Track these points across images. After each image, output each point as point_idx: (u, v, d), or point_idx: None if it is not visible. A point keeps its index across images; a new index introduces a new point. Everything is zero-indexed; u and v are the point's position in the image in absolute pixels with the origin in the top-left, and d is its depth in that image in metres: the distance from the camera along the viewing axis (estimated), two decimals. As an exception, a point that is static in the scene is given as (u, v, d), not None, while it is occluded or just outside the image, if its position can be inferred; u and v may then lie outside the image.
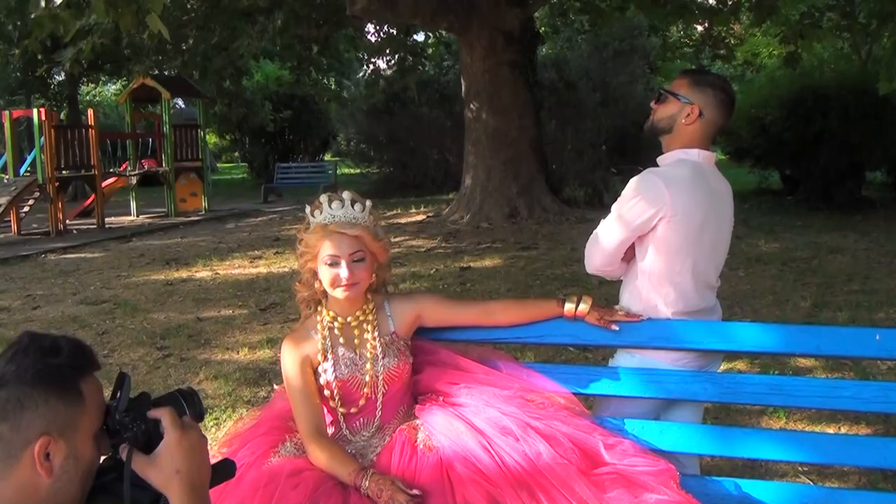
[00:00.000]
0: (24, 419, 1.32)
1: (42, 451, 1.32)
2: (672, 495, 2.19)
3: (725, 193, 2.79)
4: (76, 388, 1.38)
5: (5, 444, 1.32)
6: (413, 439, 2.42)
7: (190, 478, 1.43)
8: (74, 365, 1.40)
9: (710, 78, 2.79)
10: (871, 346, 2.44)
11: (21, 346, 1.37)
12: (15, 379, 1.33)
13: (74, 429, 1.37)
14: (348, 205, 2.50)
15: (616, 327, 2.62)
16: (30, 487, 1.33)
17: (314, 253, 2.51)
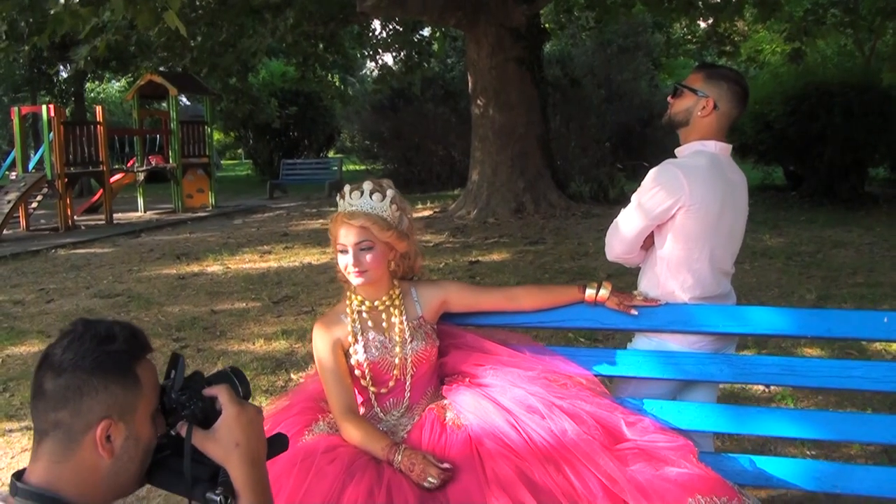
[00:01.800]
0: (84, 405, 1.39)
1: (103, 434, 1.40)
2: (691, 468, 2.30)
3: (740, 183, 2.90)
4: (132, 372, 1.45)
5: (66, 430, 1.39)
6: (442, 417, 2.54)
7: (249, 450, 1.51)
8: (130, 350, 1.47)
9: (724, 71, 2.89)
10: (880, 329, 2.55)
11: (77, 334, 1.43)
12: (73, 367, 1.40)
13: (133, 411, 1.45)
14: (367, 195, 2.58)
15: (635, 312, 2.73)
16: (91, 469, 1.41)
17: (333, 240, 2.62)
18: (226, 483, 1.48)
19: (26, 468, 1.44)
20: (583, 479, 2.28)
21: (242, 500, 1.47)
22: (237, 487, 1.47)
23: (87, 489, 1.40)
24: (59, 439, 1.39)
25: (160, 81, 16.66)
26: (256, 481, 1.49)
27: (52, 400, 1.39)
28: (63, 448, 1.39)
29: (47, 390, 1.39)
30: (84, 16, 6.12)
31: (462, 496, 2.26)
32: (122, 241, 13.48)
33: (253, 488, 1.48)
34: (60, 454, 1.39)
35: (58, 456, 1.39)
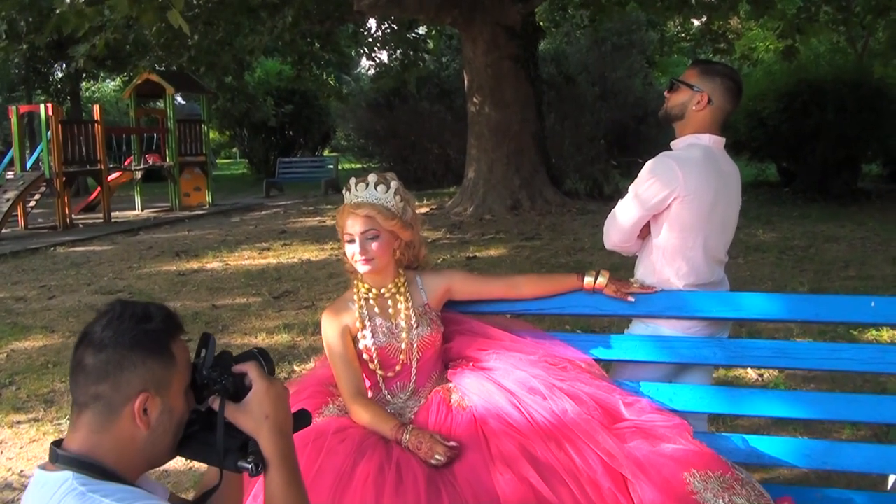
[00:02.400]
0: (123, 379, 1.50)
1: (141, 406, 1.50)
2: (687, 445, 2.41)
3: (734, 175, 3.01)
4: (168, 349, 1.56)
5: (106, 402, 1.50)
6: (447, 399, 2.65)
7: (277, 422, 1.61)
8: (166, 329, 1.58)
9: (718, 67, 3.01)
10: (867, 313, 2.66)
11: (116, 314, 1.54)
12: (113, 343, 1.50)
13: (168, 385, 1.55)
14: (371, 186, 2.69)
15: (632, 299, 2.84)
16: (128, 439, 1.52)
17: (341, 230, 2.73)
18: (256, 452, 1.57)
19: (64, 438, 1.53)
20: (583, 456, 2.38)
21: (272, 467, 1.57)
22: (267, 456, 1.57)
23: (125, 458, 1.50)
24: (98, 411, 1.49)
25: (157, 80, 16.73)
26: (285, 451, 1.59)
27: (92, 374, 1.48)
28: (103, 419, 1.49)
29: (88, 365, 1.49)
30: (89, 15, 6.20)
31: (468, 472, 2.37)
32: (120, 238, 13.55)
33: (282, 457, 1.58)
34: (100, 425, 1.49)
35: (97, 426, 1.49)
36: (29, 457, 4.60)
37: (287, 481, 1.56)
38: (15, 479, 4.35)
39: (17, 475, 4.39)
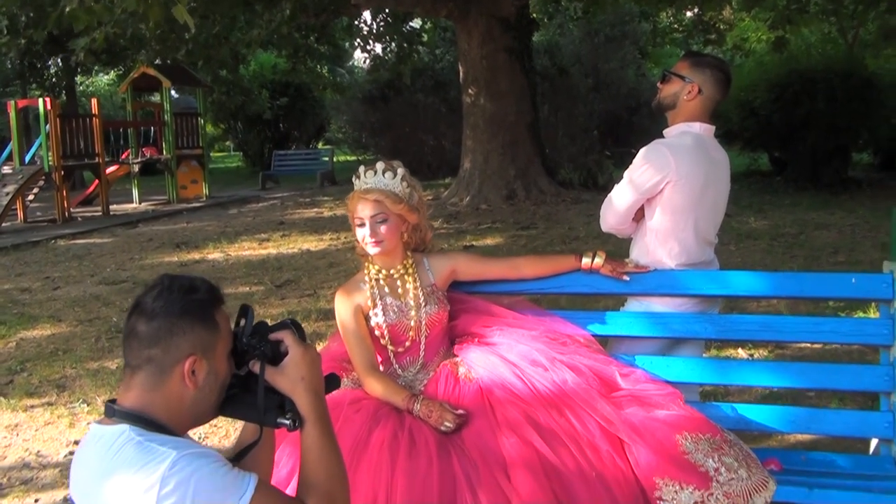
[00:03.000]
0: (173, 343, 1.66)
1: (190, 368, 1.67)
2: (679, 410, 2.59)
3: (723, 161, 3.18)
4: (213, 317, 1.73)
5: (158, 364, 1.66)
6: (455, 372, 2.83)
7: (312, 383, 1.77)
8: (210, 299, 1.74)
9: (708, 59, 3.18)
10: (848, 288, 2.85)
11: (165, 286, 1.71)
12: (164, 312, 1.67)
13: (213, 350, 1.72)
14: (380, 173, 2.86)
15: (627, 278, 3.03)
16: (177, 397, 1.68)
17: (351, 215, 2.90)
18: (293, 410, 1.75)
19: (116, 398, 1.70)
20: (582, 421, 2.56)
21: (308, 423, 1.74)
22: (303, 413, 1.74)
23: (174, 414, 1.67)
24: (151, 372, 1.66)
25: (154, 74, 16.84)
26: (319, 409, 1.76)
27: (145, 339, 1.65)
28: (155, 379, 1.66)
29: (140, 332, 1.66)
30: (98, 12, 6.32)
31: (476, 437, 2.55)
32: (120, 231, 13.68)
33: (317, 414, 1.75)
34: (152, 384, 1.66)
35: (149, 386, 1.65)
36: (45, 438, 4.76)
37: (322, 435, 1.74)
38: (32, 458, 4.51)
39: (34, 455, 4.55)
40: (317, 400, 1.77)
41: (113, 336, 6.61)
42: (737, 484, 2.41)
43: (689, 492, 2.40)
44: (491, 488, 2.40)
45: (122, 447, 1.57)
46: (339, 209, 14.80)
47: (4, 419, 5.07)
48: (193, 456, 1.55)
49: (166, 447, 1.55)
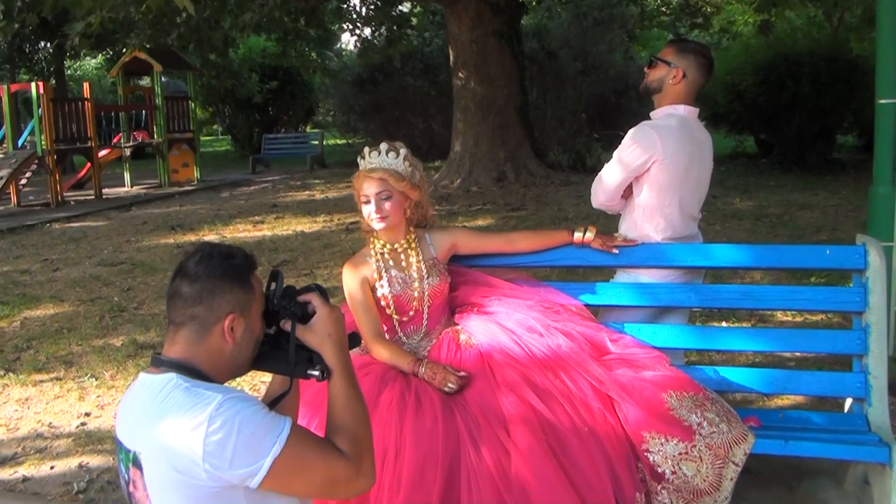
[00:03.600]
0: (215, 302, 1.86)
1: (229, 325, 1.87)
2: (664, 371, 2.80)
3: (706, 141, 3.39)
4: (249, 280, 1.93)
5: (201, 321, 1.86)
6: (456, 338, 3.03)
7: (338, 339, 1.97)
8: (246, 264, 1.94)
9: (692, 45, 3.39)
10: (823, 259, 3.07)
11: (206, 253, 1.91)
12: (206, 275, 1.86)
13: (249, 309, 1.92)
14: (383, 154, 3.06)
15: (616, 251, 3.24)
16: (218, 351, 1.88)
17: (357, 193, 3.09)
18: (321, 363, 1.94)
19: (162, 351, 1.89)
20: (576, 382, 2.77)
21: (335, 375, 1.94)
22: (330, 366, 1.94)
23: (214, 366, 1.86)
24: (194, 329, 1.85)
25: (144, 58, 16.89)
26: (344, 362, 1.96)
27: (189, 299, 1.84)
28: (198, 335, 1.85)
29: (185, 293, 1.85)
30: (102, -1, 6.46)
31: (477, 397, 2.75)
32: (113, 214, 13.78)
33: (343, 367, 1.95)
34: (195, 339, 1.85)
35: (193, 340, 1.85)
36: (55, 411, 4.93)
37: (347, 385, 1.94)
38: (45, 429, 4.67)
39: (46, 426, 4.71)
40: (342, 354, 1.96)
41: (116, 315, 6.78)
42: (718, 437, 2.62)
43: (673, 444, 2.61)
44: (492, 443, 2.61)
45: (171, 392, 1.76)
46: (330, 192, 14.97)
47: (15, 393, 5.23)
48: (236, 399, 1.74)
49: (212, 391, 1.75)
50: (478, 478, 2.55)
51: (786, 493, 3.38)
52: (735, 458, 2.62)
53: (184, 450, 1.68)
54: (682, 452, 2.61)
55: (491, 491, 2.52)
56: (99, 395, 5.10)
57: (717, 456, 2.60)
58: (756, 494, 3.32)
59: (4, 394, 5.24)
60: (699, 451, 2.60)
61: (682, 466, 2.61)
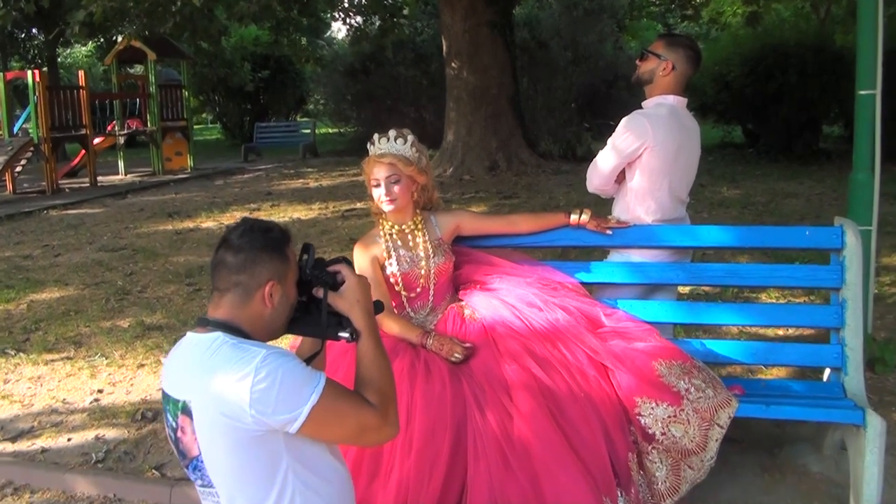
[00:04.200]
0: (257, 271, 2.07)
1: (269, 291, 2.08)
2: (655, 342, 3.03)
3: (694, 129, 3.61)
4: (285, 252, 2.14)
5: (244, 287, 2.07)
6: (461, 313, 3.25)
7: (365, 305, 2.19)
8: (283, 237, 2.15)
9: (681, 39, 3.62)
10: (803, 240, 3.31)
11: (247, 227, 2.12)
12: (249, 247, 2.08)
13: (286, 278, 2.13)
14: (392, 140, 3.27)
15: (610, 232, 3.46)
16: (258, 314, 2.09)
17: (367, 178, 3.29)
18: (351, 326, 2.16)
19: (206, 314, 2.10)
20: (572, 352, 2.99)
21: (363, 336, 2.15)
22: (358, 328, 2.16)
23: (255, 328, 2.07)
24: (238, 294, 2.06)
25: (139, 46, 16.99)
26: (371, 325, 2.18)
27: (233, 268, 2.05)
28: (241, 300, 2.06)
29: (229, 262, 2.06)
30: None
31: (482, 366, 2.97)
32: (109, 202, 13.90)
33: (370, 329, 2.17)
34: (239, 304, 2.06)
35: (236, 305, 2.05)
36: (68, 388, 5.10)
37: (374, 345, 2.16)
38: (59, 405, 4.85)
39: (60, 402, 4.89)
40: (369, 318, 2.18)
41: (121, 298, 6.95)
42: (704, 401, 2.85)
43: (663, 408, 2.84)
44: (496, 407, 2.83)
45: (220, 347, 1.97)
46: (324, 180, 15.12)
47: (27, 372, 5.40)
48: (278, 354, 1.95)
49: (256, 347, 1.96)
50: (483, 439, 2.77)
51: (767, 458, 3.61)
52: (720, 421, 2.84)
53: (232, 397, 1.89)
54: (671, 416, 2.83)
55: (495, 451, 2.74)
56: (110, 373, 5.28)
57: (704, 419, 2.83)
58: (739, 460, 3.56)
59: (17, 372, 5.41)
60: (687, 414, 2.82)
61: (672, 428, 2.83)
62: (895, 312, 5.57)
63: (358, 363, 2.15)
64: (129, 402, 4.80)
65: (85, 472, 3.96)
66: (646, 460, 2.86)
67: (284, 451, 1.97)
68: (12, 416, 4.73)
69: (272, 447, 1.95)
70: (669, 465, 2.85)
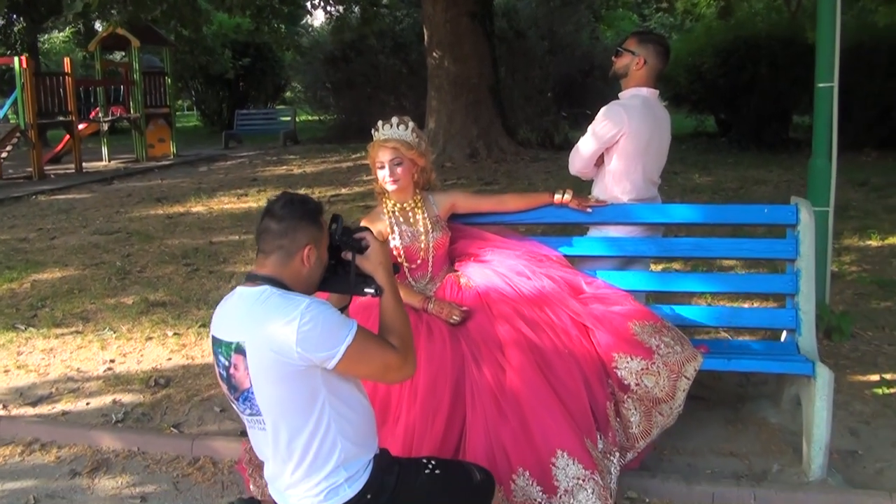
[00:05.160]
0: (297, 236, 2.45)
1: (307, 254, 2.46)
2: (630, 305, 3.43)
3: (665, 118, 4.02)
4: (319, 220, 2.52)
5: (286, 250, 2.44)
6: (458, 282, 3.64)
7: (387, 266, 2.59)
8: (318, 209, 2.54)
9: (651, 36, 4.06)
10: (761, 216, 3.74)
11: (288, 199, 2.50)
12: (290, 216, 2.46)
13: (319, 242, 2.51)
14: (395, 126, 3.64)
15: (590, 210, 3.86)
16: (297, 273, 2.47)
17: (372, 160, 3.66)
18: (375, 284, 2.54)
19: (254, 271, 2.47)
20: (557, 315, 3.39)
21: (386, 292, 2.55)
22: (382, 286, 2.55)
23: (294, 283, 2.45)
24: (281, 255, 2.43)
25: (123, 33, 17.16)
26: (392, 283, 2.57)
27: (277, 233, 2.43)
28: (283, 260, 2.44)
29: (273, 228, 2.43)
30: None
31: (477, 327, 3.37)
32: (96, 187, 14.11)
33: (391, 286, 2.57)
34: (281, 264, 2.43)
35: (279, 264, 2.43)
36: (81, 358, 5.40)
37: (395, 299, 2.55)
38: (74, 373, 5.15)
39: (75, 371, 5.20)
40: (390, 277, 2.57)
41: (123, 277, 7.25)
42: (673, 356, 3.25)
43: (637, 362, 3.24)
44: (490, 362, 3.22)
45: (269, 297, 2.34)
46: (307, 167, 15.41)
47: (39, 345, 5.68)
48: (319, 303, 2.34)
49: (300, 297, 2.34)
50: (479, 390, 3.17)
51: (731, 412, 4.05)
52: (687, 373, 3.25)
53: (281, 337, 2.26)
54: (643, 368, 3.24)
55: (490, 400, 3.14)
56: (119, 345, 5.59)
57: (673, 371, 3.23)
58: (706, 414, 3.99)
59: (29, 345, 5.69)
60: (658, 367, 3.23)
61: (644, 380, 3.24)
62: (853, 288, 6.03)
63: (382, 314, 2.54)
64: (141, 370, 5.12)
65: (108, 429, 4.29)
66: (622, 408, 3.27)
67: (322, 385, 2.35)
68: (30, 384, 5.02)
69: (312, 381, 2.33)
70: (642, 412, 3.26)
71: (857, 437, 3.81)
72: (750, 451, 3.71)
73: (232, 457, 3.83)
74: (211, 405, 4.51)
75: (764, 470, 3.55)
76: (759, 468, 3.57)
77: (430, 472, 2.57)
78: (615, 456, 3.18)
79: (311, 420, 2.36)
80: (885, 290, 5.97)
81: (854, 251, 7.17)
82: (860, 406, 4.10)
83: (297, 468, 2.39)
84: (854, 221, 8.24)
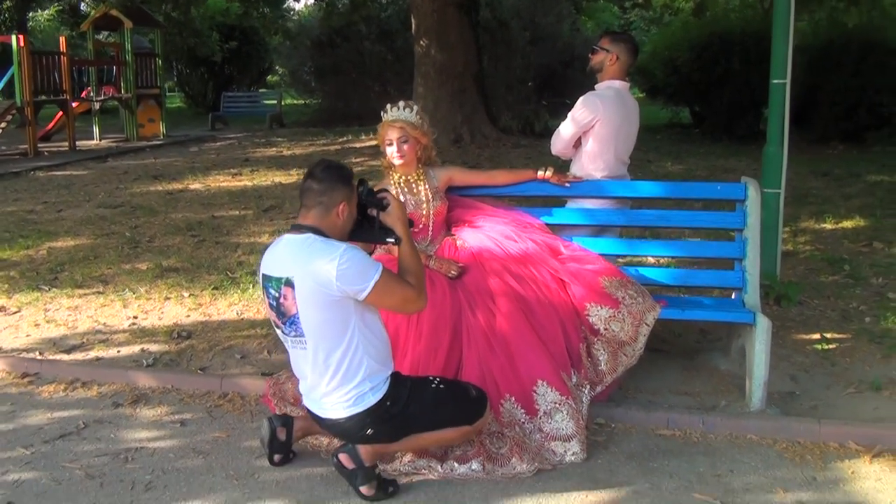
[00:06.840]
0: (334, 194, 3.07)
1: (342, 209, 3.09)
2: (601, 265, 4.06)
3: (634, 107, 4.69)
4: (351, 182, 3.14)
5: (325, 205, 3.06)
6: (454, 244, 4.26)
7: (405, 221, 3.22)
8: (350, 173, 3.16)
9: (622, 35, 4.77)
10: (716, 192, 4.41)
11: (326, 165, 3.12)
12: (328, 178, 3.08)
13: (351, 200, 3.14)
14: (401, 108, 4.24)
15: (568, 185, 4.50)
16: (333, 224, 3.09)
17: (381, 138, 4.25)
18: (395, 235, 3.16)
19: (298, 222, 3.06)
20: (539, 271, 4.03)
21: (403, 242, 3.18)
22: (400, 236, 3.18)
23: (331, 233, 3.07)
24: (321, 210, 3.04)
25: (115, 14, 17.56)
26: (408, 234, 3.21)
27: (317, 192, 3.04)
28: (323, 214, 3.05)
29: (314, 187, 3.04)
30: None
31: (472, 280, 3.99)
32: (92, 165, 14.50)
33: (407, 237, 3.20)
34: (321, 216, 3.05)
35: (319, 217, 3.04)
36: (106, 315, 5.89)
37: (411, 248, 3.19)
38: (101, 327, 5.64)
39: (101, 325, 5.68)
40: (406, 230, 3.19)
41: (134, 246, 7.75)
42: (636, 306, 3.89)
43: (605, 310, 3.89)
44: (483, 309, 3.85)
45: (313, 242, 2.96)
46: (296, 149, 15.88)
47: (64, 303, 6.16)
48: (353, 247, 2.97)
49: (338, 242, 2.95)
50: (474, 331, 3.80)
51: (687, 361, 4.72)
52: (647, 321, 3.90)
53: (324, 272, 2.88)
54: (611, 316, 3.88)
55: (483, 339, 3.77)
56: (140, 304, 6.08)
57: (635, 318, 3.88)
58: (665, 363, 4.64)
59: (54, 303, 6.15)
60: (623, 315, 3.87)
61: (612, 325, 3.88)
62: (805, 265, 6.69)
63: (400, 259, 3.17)
64: (163, 325, 5.65)
65: (142, 370, 4.85)
66: (592, 349, 3.91)
67: (354, 313, 2.97)
68: (61, 336, 5.51)
69: (346, 309, 2.95)
70: (609, 352, 3.90)
71: (796, 381, 4.46)
72: (702, 390, 4.36)
73: (257, 391, 4.41)
74: (232, 353, 5.08)
75: (713, 405, 4.19)
76: (709, 403, 4.22)
77: (436, 387, 3.20)
78: (586, 388, 3.81)
79: (345, 340, 2.97)
80: (833, 266, 6.62)
81: (809, 233, 7.84)
82: (801, 358, 4.74)
83: (332, 379, 3.01)
84: (812, 207, 8.92)
